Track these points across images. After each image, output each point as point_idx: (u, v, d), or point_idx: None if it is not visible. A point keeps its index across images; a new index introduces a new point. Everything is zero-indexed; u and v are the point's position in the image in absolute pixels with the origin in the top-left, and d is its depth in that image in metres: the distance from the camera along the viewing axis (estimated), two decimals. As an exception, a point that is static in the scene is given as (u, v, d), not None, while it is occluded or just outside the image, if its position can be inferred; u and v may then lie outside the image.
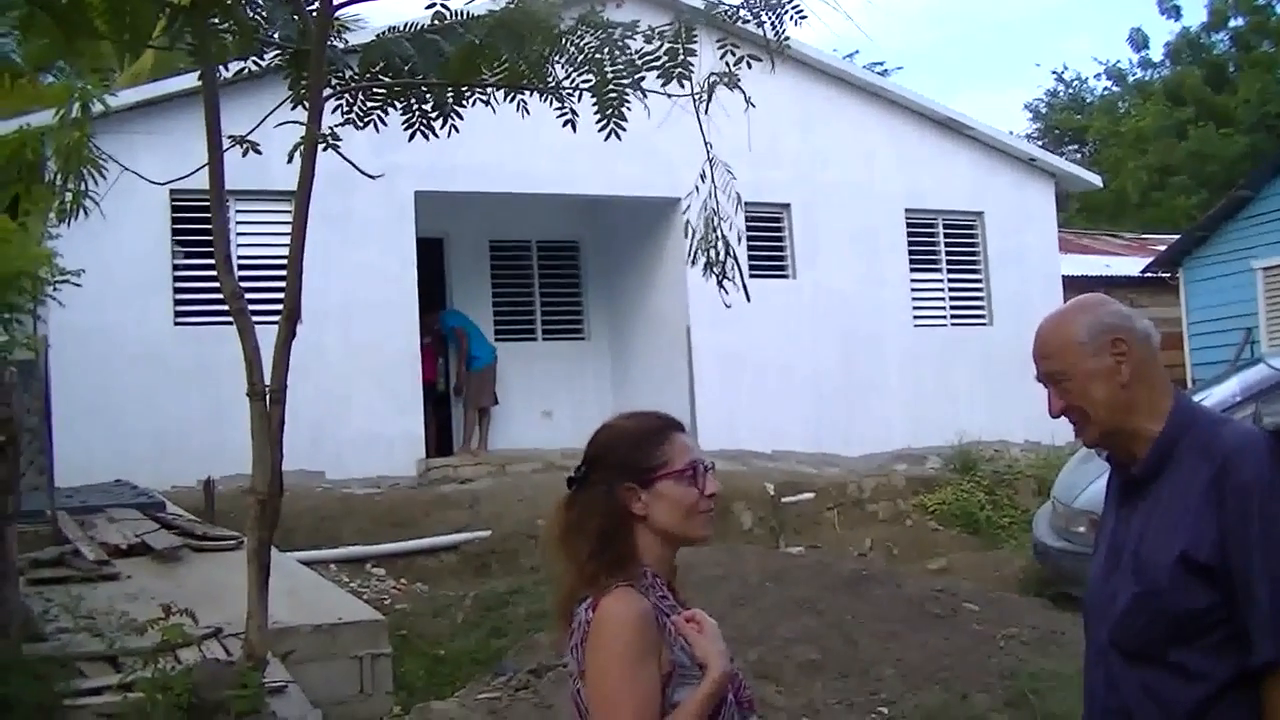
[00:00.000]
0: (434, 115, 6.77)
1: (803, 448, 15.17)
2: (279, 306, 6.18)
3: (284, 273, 6.30)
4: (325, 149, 6.13)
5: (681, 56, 6.15)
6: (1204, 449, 2.43)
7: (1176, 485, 2.44)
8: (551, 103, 6.70)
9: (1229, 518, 2.34)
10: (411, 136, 6.84)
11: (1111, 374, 2.49)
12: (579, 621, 2.35)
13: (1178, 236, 20.20)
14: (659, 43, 6.24)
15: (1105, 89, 39.07)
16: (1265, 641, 2.29)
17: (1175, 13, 34.65)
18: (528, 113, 6.83)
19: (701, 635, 2.38)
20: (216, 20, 6.27)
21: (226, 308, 6.25)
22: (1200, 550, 2.37)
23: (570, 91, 6.60)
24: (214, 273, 6.61)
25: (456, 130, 6.80)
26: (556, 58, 6.42)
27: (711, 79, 6.18)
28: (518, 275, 16.29)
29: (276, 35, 6.50)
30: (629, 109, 6.34)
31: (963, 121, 16.98)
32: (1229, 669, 2.36)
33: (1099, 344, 2.50)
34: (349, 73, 6.71)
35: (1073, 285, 16.40)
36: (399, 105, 6.77)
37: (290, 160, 6.21)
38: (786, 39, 6.26)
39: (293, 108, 6.50)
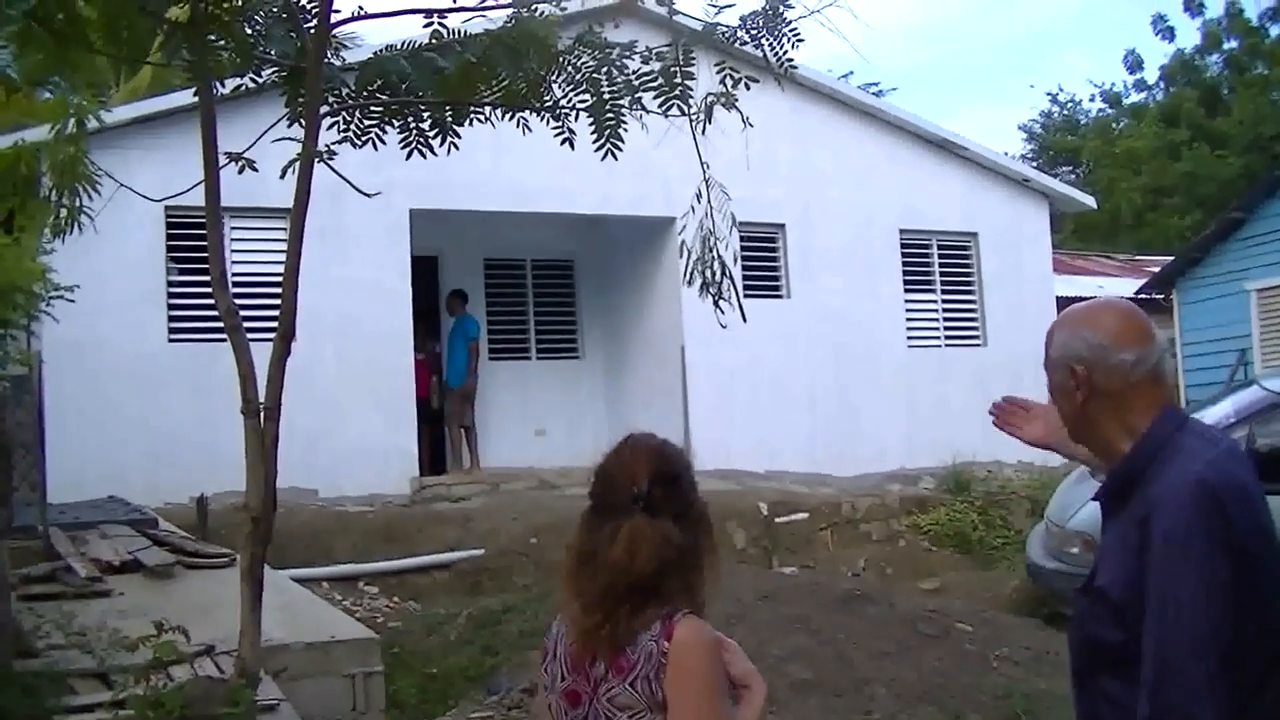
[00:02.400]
0: (432, 133, 6.78)
1: (796, 467, 15.16)
2: (274, 323, 6.17)
3: (279, 289, 6.30)
4: (321, 163, 6.13)
5: (679, 82, 6.16)
6: (1152, 485, 2.40)
7: (1130, 515, 2.42)
8: (548, 121, 6.71)
9: (1145, 565, 2.30)
10: (409, 155, 6.84)
11: (1070, 394, 2.54)
12: (649, 651, 2.29)
13: (1171, 258, 20.25)
14: (657, 64, 6.25)
15: (1099, 110, 39.25)
16: (1142, 698, 2.26)
17: (1170, 34, 34.84)
18: (529, 129, 6.84)
19: (734, 656, 2.40)
20: (214, 37, 6.28)
21: (221, 324, 6.24)
22: (1114, 588, 2.36)
23: (568, 111, 6.61)
24: (209, 289, 6.61)
25: (456, 148, 6.81)
26: (554, 77, 6.44)
27: (709, 99, 6.19)
28: (512, 293, 16.29)
29: (274, 52, 6.51)
30: (626, 129, 6.35)
31: (957, 142, 17.03)
32: None
33: (1061, 365, 2.55)
34: (346, 90, 6.72)
35: (1066, 306, 16.40)
36: (396, 123, 6.77)
37: (285, 177, 6.21)
38: (791, 62, 6.27)
39: (289, 125, 6.50)
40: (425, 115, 6.78)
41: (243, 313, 6.46)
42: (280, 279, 6.28)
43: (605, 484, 2.45)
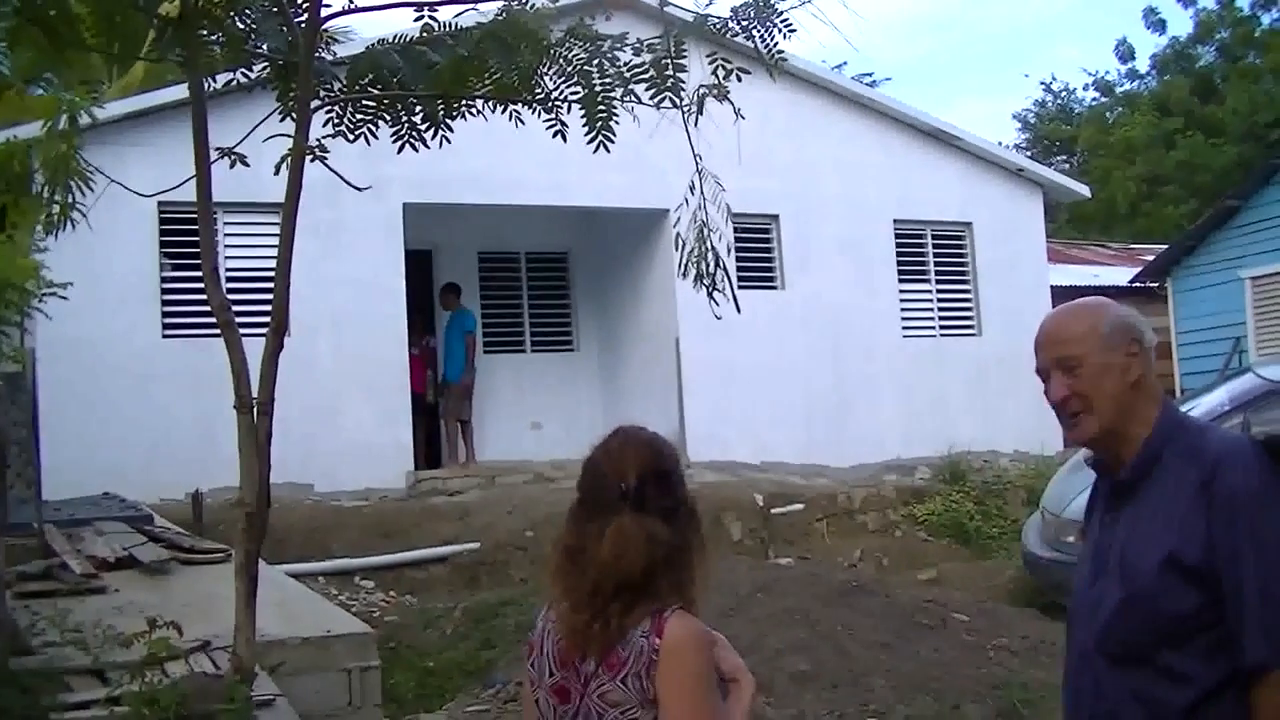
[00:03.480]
0: (424, 126, 6.75)
1: (792, 458, 15.17)
2: (267, 318, 6.16)
3: (272, 284, 6.28)
4: (313, 160, 6.11)
5: (671, 74, 6.13)
6: (1191, 454, 2.47)
7: (1165, 489, 2.48)
8: (540, 114, 6.69)
9: (1217, 522, 2.38)
10: (401, 148, 6.82)
11: (1123, 371, 2.54)
12: (640, 648, 2.28)
13: (1166, 246, 20.26)
14: (648, 55, 6.23)
15: (1094, 99, 39.24)
16: (1255, 644, 2.33)
17: (1160, 26, 34.88)
18: (522, 122, 6.82)
19: (723, 651, 2.41)
20: (205, 32, 6.25)
21: (215, 319, 6.22)
22: (1188, 553, 2.40)
23: (560, 103, 6.59)
24: (202, 284, 6.58)
25: (449, 141, 6.79)
26: (546, 70, 6.41)
27: (701, 91, 6.17)
28: (506, 286, 16.28)
29: (265, 47, 6.48)
30: (617, 121, 6.33)
31: (951, 132, 17.03)
32: (1217, 672, 2.38)
33: (1118, 340, 2.55)
34: (338, 85, 6.69)
35: (1061, 295, 16.38)
36: (388, 117, 6.75)
37: (278, 172, 6.19)
38: (781, 54, 6.25)
39: (281, 119, 6.47)
40: (417, 109, 6.75)
41: (236, 308, 6.43)
42: (273, 274, 6.25)
43: (593, 479, 2.41)
